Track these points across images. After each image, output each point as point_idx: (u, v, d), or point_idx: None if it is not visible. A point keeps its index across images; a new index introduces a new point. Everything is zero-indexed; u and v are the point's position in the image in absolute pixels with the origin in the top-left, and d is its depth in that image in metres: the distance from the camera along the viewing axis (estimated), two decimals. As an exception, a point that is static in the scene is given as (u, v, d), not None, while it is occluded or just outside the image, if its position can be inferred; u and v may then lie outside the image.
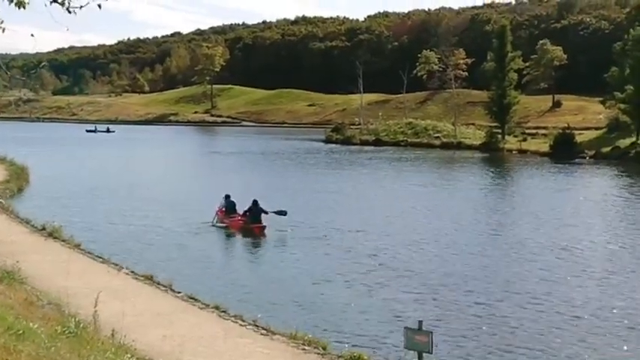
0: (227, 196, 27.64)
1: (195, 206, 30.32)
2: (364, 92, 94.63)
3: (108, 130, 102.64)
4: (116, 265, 18.67)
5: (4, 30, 6.23)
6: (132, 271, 17.99)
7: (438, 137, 76.47)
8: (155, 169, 52.95)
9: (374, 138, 78.96)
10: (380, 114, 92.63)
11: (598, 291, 18.22)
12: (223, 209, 27.22)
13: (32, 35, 7.14)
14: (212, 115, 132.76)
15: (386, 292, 17.73)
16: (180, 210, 30.16)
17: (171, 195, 35.96)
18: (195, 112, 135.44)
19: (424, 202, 34.90)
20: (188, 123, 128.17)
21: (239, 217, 26.33)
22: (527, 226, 28.19)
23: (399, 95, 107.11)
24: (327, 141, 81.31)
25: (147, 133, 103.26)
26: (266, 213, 25.94)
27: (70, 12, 5.96)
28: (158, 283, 16.69)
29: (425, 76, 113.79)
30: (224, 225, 26.50)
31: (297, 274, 19.51)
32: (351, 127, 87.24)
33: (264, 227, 25.58)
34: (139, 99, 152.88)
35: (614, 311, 16.25)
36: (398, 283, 18.65)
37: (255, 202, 26.07)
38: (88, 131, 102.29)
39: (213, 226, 26.58)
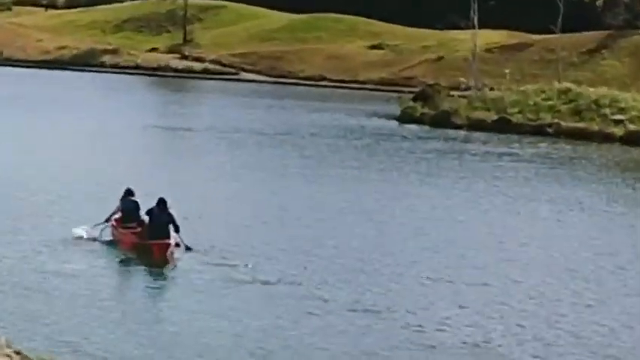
0: (127, 193, 23.56)
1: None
2: (480, 27, 70.37)
3: None
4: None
5: None
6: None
7: (620, 121, 54.65)
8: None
9: (495, 117, 55.34)
10: (508, 71, 67.23)
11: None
12: (119, 215, 23.53)
13: None
14: (184, 57, 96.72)
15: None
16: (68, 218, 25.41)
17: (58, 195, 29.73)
18: (153, 50, 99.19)
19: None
20: (137, 69, 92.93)
21: (137, 228, 23.50)
22: None
23: (547, 36, 78.92)
24: (403, 119, 57.98)
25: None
26: (177, 229, 22.09)
27: None
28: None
29: (601, 4, 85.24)
30: (110, 240, 23.43)
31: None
32: (452, 92, 62.27)
33: (168, 245, 21.56)
34: (44, 19, 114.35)
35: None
36: None
37: (161, 203, 22.43)
38: None
39: (95, 240, 23.05)
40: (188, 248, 22.32)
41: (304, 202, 32.01)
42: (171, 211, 22.27)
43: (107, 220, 23.03)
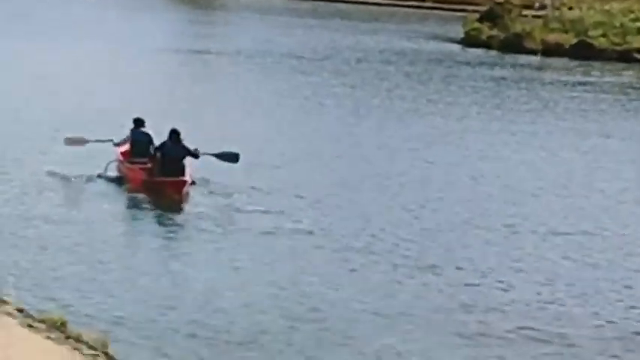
0: (137, 122, 21.69)
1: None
2: None
3: None
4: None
5: None
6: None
7: None
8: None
9: (575, 41, 52.67)
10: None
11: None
12: (127, 148, 21.89)
13: None
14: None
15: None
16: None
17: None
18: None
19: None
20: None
21: (147, 163, 21.63)
22: None
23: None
24: (467, 42, 55.79)
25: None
26: (196, 156, 20.91)
27: None
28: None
29: None
30: (118, 176, 21.64)
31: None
32: (525, 12, 59.98)
33: (183, 183, 20.25)
34: None
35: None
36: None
37: (173, 135, 20.84)
38: None
39: (100, 177, 21.38)
40: (227, 156, 21.22)
41: (343, 137, 29.81)
42: (185, 143, 20.98)
43: (113, 143, 21.87)
